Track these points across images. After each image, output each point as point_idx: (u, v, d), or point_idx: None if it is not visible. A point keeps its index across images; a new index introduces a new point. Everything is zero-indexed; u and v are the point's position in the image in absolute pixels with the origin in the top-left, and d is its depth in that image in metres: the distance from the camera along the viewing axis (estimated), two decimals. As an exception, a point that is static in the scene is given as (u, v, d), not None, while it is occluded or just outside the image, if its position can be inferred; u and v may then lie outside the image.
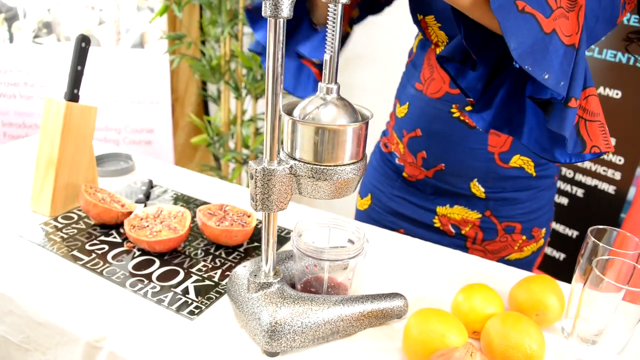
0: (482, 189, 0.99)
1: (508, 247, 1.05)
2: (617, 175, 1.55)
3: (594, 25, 0.73)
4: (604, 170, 1.58)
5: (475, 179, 0.98)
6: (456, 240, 1.05)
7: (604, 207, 1.58)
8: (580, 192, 1.64)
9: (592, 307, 0.68)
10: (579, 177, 1.64)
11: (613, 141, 1.55)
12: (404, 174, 1.07)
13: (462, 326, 0.68)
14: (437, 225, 1.06)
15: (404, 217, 1.09)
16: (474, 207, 1.01)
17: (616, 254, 0.71)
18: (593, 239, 0.73)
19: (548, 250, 1.74)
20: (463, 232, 1.04)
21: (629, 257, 0.71)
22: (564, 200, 1.68)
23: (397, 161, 1.08)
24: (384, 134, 1.16)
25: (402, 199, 1.09)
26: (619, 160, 1.54)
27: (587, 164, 1.61)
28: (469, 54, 0.75)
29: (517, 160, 0.97)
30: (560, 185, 1.68)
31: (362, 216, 1.19)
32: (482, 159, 0.96)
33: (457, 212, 1.03)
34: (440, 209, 1.04)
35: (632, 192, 1.53)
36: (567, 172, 1.66)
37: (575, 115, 0.67)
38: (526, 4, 0.62)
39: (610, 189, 1.57)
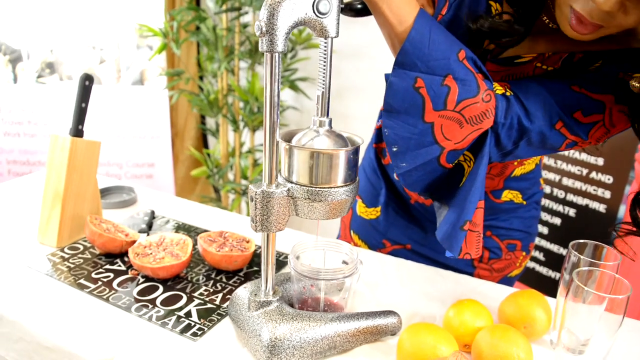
0: None
1: (511, 264, 1.08)
2: (607, 194, 1.60)
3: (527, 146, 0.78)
4: (594, 190, 1.62)
5: None
6: (463, 259, 1.08)
7: (595, 225, 1.61)
8: (572, 212, 1.68)
9: (576, 318, 0.71)
10: (570, 197, 1.68)
11: (601, 161, 1.59)
12: (404, 193, 1.08)
13: (453, 339, 0.72)
14: None
15: (413, 232, 1.10)
16: None
17: (597, 265, 0.75)
18: (574, 252, 0.77)
19: (543, 270, 1.77)
20: None
21: (608, 268, 0.75)
22: (557, 220, 1.72)
23: (395, 177, 1.08)
24: (377, 139, 1.13)
25: (410, 215, 1.09)
26: (608, 179, 1.59)
27: (577, 184, 1.65)
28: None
29: (507, 195, 1.01)
30: (553, 205, 1.72)
31: (365, 225, 1.16)
32: None
33: None
34: None
35: (622, 210, 1.57)
36: (559, 193, 1.71)
37: (465, 235, 0.73)
38: (424, 85, 0.68)
39: (601, 207, 1.61)
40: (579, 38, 0.66)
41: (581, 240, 0.79)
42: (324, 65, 0.67)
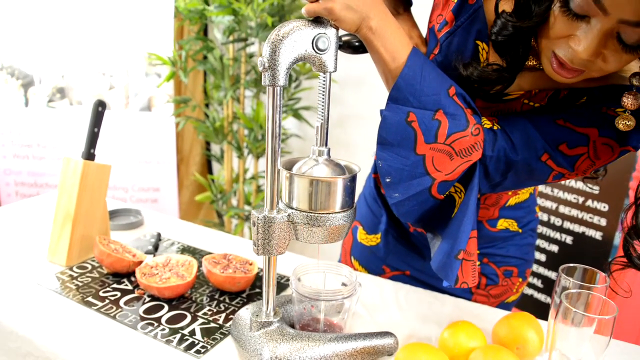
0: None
1: (508, 290, 1.10)
2: (603, 222, 1.63)
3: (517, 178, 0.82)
4: (590, 217, 1.65)
5: None
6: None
7: (592, 252, 1.64)
8: (569, 239, 1.71)
9: (566, 340, 0.74)
10: (567, 224, 1.71)
11: (597, 189, 1.63)
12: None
13: (446, 357, 0.74)
14: None
15: (413, 259, 1.12)
16: None
17: (586, 289, 0.78)
18: (564, 275, 0.80)
19: (541, 297, 1.79)
20: None
21: (597, 290, 0.78)
22: (554, 248, 1.74)
23: None
24: (376, 169, 1.14)
25: (409, 242, 1.12)
26: (603, 207, 1.62)
27: (573, 212, 1.68)
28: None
29: (502, 223, 1.04)
30: (550, 233, 1.75)
31: (365, 252, 1.18)
32: None
33: None
34: None
35: (618, 238, 1.60)
36: (556, 221, 1.74)
37: (460, 264, 0.77)
38: (417, 120, 0.72)
39: (598, 234, 1.64)
40: (562, 82, 0.71)
41: (571, 264, 0.82)
42: (323, 98, 0.72)
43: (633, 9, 0.58)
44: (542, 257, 1.79)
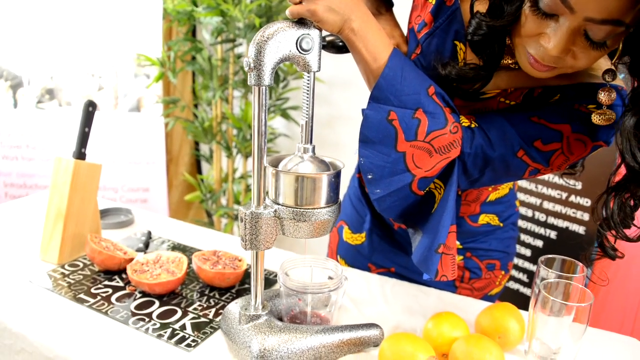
0: (458, 242, 1.08)
1: (491, 283, 1.13)
2: (586, 217, 1.66)
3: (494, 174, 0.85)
4: (573, 213, 1.69)
5: None
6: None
7: (576, 247, 1.68)
8: (553, 234, 1.74)
9: (545, 328, 0.77)
10: (551, 220, 1.74)
11: (579, 185, 1.66)
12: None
13: (431, 348, 0.77)
14: None
15: (397, 256, 1.15)
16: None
17: (564, 279, 0.81)
18: (543, 266, 0.83)
19: (527, 291, 1.83)
20: None
21: (575, 280, 0.81)
22: (539, 243, 1.78)
23: None
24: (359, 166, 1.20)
25: (393, 239, 1.15)
26: (586, 202, 1.66)
27: (557, 207, 1.72)
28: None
29: (484, 218, 1.07)
30: (535, 228, 1.79)
31: (351, 250, 1.21)
32: None
33: None
34: None
35: (600, 233, 1.63)
36: (540, 216, 1.77)
37: (440, 257, 0.80)
38: (397, 118, 0.75)
39: (581, 229, 1.68)
40: (537, 76, 0.74)
41: (550, 255, 0.85)
42: (307, 97, 0.74)
43: (597, 7, 0.61)
44: (527, 252, 1.82)
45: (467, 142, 0.79)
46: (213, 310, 0.93)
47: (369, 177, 0.79)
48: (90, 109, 1.09)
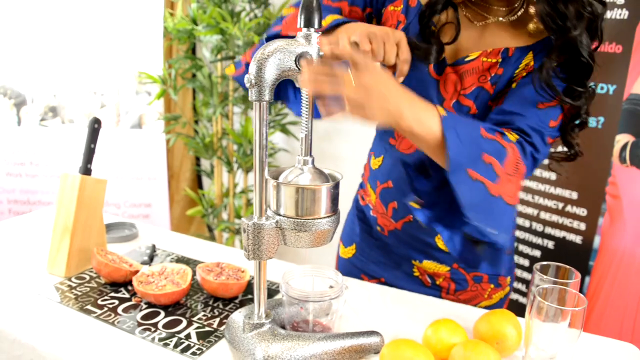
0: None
1: (478, 295, 1.14)
2: (582, 226, 1.69)
3: None
4: (570, 222, 1.71)
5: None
6: (432, 290, 1.14)
7: (573, 256, 1.70)
8: (550, 244, 1.76)
9: (541, 334, 0.79)
10: (548, 230, 1.77)
11: (575, 195, 1.69)
12: (377, 227, 1.17)
13: (430, 353, 0.79)
14: (417, 274, 1.15)
15: (387, 266, 1.18)
16: (442, 261, 1.11)
17: (560, 284, 0.83)
18: (538, 273, 0.85)
19: (526, 301, 1.84)
20: (437, 282, 1.14)
21: (570, 286, 0.83)
22: (537, 253, 1.80)
23: (371, 213, 1.17)
24: (361, 186, 1.25)
25: (383, 250, 1.18)
26: (582, 212, 1.68)
27: (554, 217, 1.74)
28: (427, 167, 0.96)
29: None
30: (532, 238, 1.81)
31: (345, 264, 1.27)
32: None
33: (428, 266, 1.12)
34: (414, 262, 1.15)
35: (597, 240, 1.66)
36: (537, 226, 1.80)
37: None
38: (476, 172, 0.80)
39: (578, 239, 1.70)
40: None
41: (544, 262, 0.88)
42: (307, 111, 0.77)
43: None
44: (526, 262, 1.85)
45: (521, 153, 0.87)
46: (217, 319, 0.95)
47: (491, 231, 0.84)
48: (96, 125, 1.12)
